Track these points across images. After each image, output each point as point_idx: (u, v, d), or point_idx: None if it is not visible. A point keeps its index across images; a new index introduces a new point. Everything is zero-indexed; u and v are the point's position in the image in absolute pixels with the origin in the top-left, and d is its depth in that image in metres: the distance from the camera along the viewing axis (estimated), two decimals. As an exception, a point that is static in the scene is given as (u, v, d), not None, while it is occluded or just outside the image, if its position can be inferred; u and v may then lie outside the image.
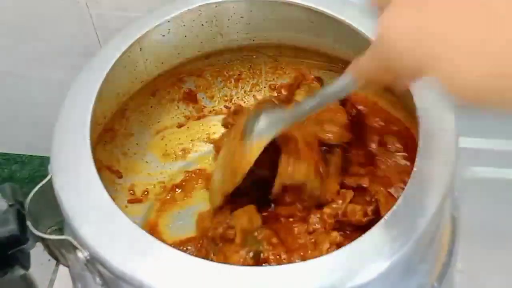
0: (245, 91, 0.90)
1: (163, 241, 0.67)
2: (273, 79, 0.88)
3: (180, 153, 0.87)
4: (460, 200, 0.72)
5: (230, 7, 0.75)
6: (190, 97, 0.88)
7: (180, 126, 0.87)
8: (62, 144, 0.61)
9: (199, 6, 0.74)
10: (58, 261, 0.64)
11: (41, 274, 1.01)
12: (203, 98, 0.89)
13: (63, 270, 0.96)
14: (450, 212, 0.68)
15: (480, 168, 0.90)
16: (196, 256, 0.54)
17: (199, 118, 0.89)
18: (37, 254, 0.65)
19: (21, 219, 0.59)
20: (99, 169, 0.58)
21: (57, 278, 1.00)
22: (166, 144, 0.87)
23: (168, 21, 0.73)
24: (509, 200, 0.87)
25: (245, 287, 0.50)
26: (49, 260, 0.66)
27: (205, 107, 0.89)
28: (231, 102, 0.89)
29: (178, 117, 0.88)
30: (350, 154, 0.76)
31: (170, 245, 0.65)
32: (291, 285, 0.49)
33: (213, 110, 0.89)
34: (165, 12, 0.73)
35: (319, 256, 0.51)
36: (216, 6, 0.74)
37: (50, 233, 0.62)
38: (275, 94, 0.86)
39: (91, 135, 0.61)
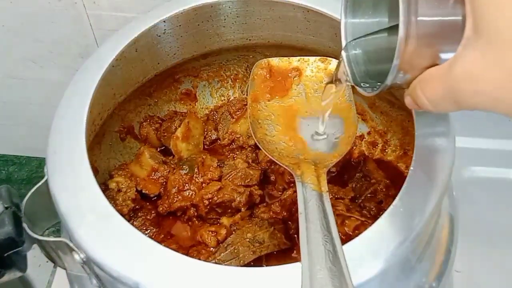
0: (242, 91, 0.89)
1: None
2: (270, 79, 0.88)
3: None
4: (458, 199, 0.71)
5: (226, 7, 0.75)
6: (188, 97, 0.88)
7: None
8: (58, 145, 0.60)
9: (195, 6, 0.73)
10: (54, 263, 0.64)
11: (39, 276, 1.01)
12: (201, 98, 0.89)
13: (60, 271, 0.96)
14: (449, 212, 0.68)
15: (479, 168, 0.89)
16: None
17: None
18: (35, 256, 0.65)
19: (17, 221, 0.59)
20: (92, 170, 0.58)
21: (55, 280, 1.00)
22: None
23: (164, 22, 0.73)
24: (507, 200, 0.87)
25: (242, 287, 0.50)
26: (47, 261, 0.66)
27: (202, 107, 0.89)
28: (228, 102, 0.89)
29: (175, 118, 0.87)
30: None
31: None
32: (288, 285, 0.49)
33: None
34: (161, 12, 0.73)
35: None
36: (212, 6, 0.74)
37: (47, 235, 0.62)
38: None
39: (87, 136, 0.61)
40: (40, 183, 0.61)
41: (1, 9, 0.93)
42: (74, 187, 0.57)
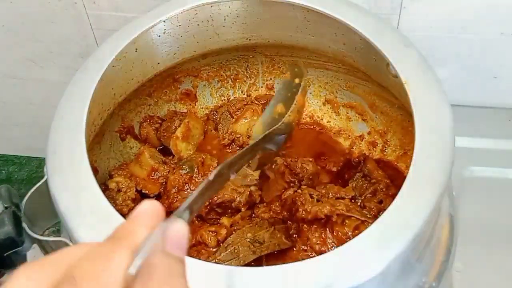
0: (242, 91, 0.89)
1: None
2: (270, 79, 0.88)
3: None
4: (458, 199, 0.71)
5: (226, 6, 0.75)
6: (188, 97, 0.88)
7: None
8: (58, 145, 0.60)
9: (195, 6, 0.73)
10: (54, 263, 0.64)
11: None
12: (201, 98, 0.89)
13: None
14: (448, 212, 0.68)
15: (479, 168, 0.89)
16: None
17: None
18: (35, 256, 0.65)
19: (17, 221, 0.59)
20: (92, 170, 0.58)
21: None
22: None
23: (164, 21, 0.72)
24: (507, 200, 0.87)
25: (242, 287, 0.50)
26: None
27: (202, 107, 0.89)
28: (228, 102, 0.89)
29: (175, 118, 0.87)
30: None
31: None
32: (288, 285, 0.49)
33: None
34: (161, 12, 0.73)
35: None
36: (211, 6, 0.74)
37: (47, 235, 0.62)
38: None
39: (87, 136, 0.61)
40: (40, 183, 0.62)
41: (1, 9, 0.93)
42: (74, 187, 0.57)
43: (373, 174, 0.78)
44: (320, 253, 0.70)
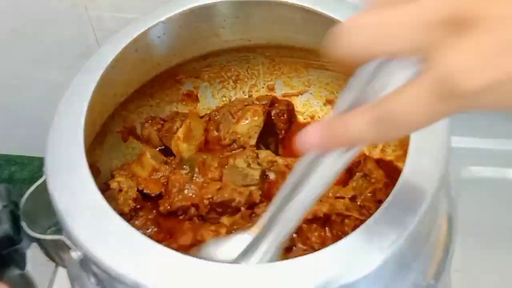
0: (243, 92, 0.90)
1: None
2: (271, 79, 0.88)
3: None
4: (457, 199, 0.71)
5: (226, 7, 0.75)
6: (190, 98, 0.88)
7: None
8: (57, 145, 0.61)
9: (195, 7, 0.73)
10: (54, 262, 0.65)
11: (40, 275, 1.01)
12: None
13: (62, 270, 0.96)
14: (447, 212, 0.68)
15: (477, 168, 0.89)
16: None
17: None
18: (37, 254, 0.66)
19: (15, 219, 0.59)
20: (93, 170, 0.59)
21: (57, 279, 1.00)
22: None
23: (164, 22, 0.73)
24: (505, 200, 0.86)
25: (239, 286, 0.50)
26: (48, 260, 0.66)
27: (204, 108, 0.90)
28: (229, 102, 0.89)
29: (176, 119, 0.87)
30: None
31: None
32: (283, 284, 0.49)
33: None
34: (161, 13, 0.73)
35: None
36: (210, 7, 0.74)
37: (48, 234, 0.62)
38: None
39: (87, 136, 0.62)
40: (39, 182, 0.62)
41: (3, 9, 0.93)
42: (72, 186, 0.57)
43: (373, 174, 0.78)
44: None
